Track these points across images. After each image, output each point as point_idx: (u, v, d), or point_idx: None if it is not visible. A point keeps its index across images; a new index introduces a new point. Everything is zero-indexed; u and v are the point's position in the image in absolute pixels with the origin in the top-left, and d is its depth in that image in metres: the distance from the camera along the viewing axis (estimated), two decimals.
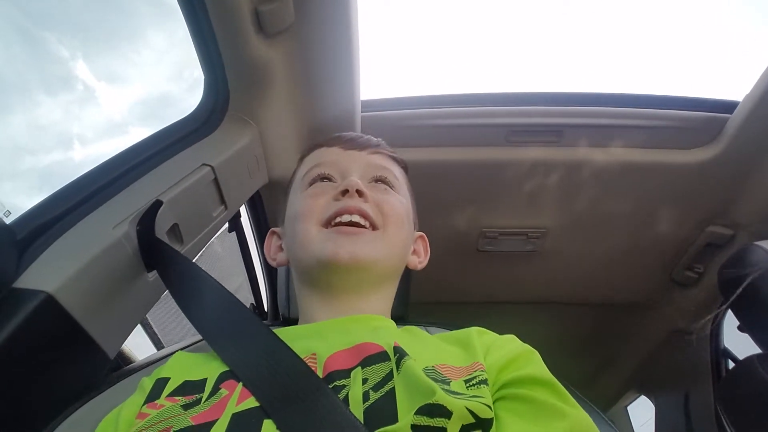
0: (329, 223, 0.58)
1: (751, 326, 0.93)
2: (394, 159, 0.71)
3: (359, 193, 0.59)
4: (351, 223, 0.57)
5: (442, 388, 0.39)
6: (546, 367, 0.47)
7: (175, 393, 0.45)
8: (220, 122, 0.85)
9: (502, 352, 0.48)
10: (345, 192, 0.59)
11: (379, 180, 0.65)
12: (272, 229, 0.72)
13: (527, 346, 0.51)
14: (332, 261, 0.55)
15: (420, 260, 0.69)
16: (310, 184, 0.65)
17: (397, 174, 0.69)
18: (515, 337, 0.53)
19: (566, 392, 0.44)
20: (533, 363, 0.48)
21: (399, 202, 0.64)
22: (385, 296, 0.63)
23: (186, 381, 0.47)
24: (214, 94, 0.84)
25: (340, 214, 0.57)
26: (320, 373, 0.45)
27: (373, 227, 0.58)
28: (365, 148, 0.68)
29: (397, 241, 0.62)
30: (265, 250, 0.71)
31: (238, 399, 0.42)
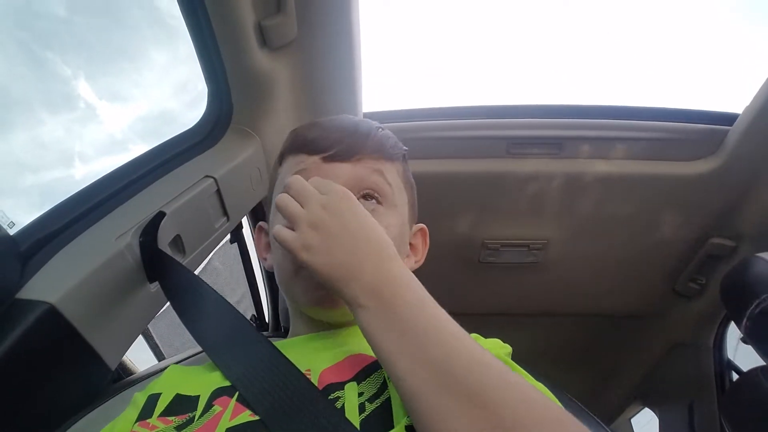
0: None
1: (755, 338, 0.93)
2: (385, 158, 0.60)
3: None
4: None
5: None
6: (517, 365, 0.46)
7: (167, 411, 0.45)
8: (223, 134, 0.86)
9: None
10: None
11: (367, 195, 0.57)
12: (260, 223, 0.67)
13: (498, 342, 0.51)
14: (314, 308, 0.55)
15: (417, 259, 0.65)
16: None
17: (389, 177, 0.59)
18: (499, 341, 0.53)
19: (530, 376, 0.44)
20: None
21: (387, 221, 0.57)
22: None
23: (178, 395, 0.46)
24: (217, 106, 0.85)
25: None
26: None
27: None
28: (349, 158, 0.57)
29: None
30: (255, 247, 0.68)
31: (232, 414, 0.42)
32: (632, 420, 1.87)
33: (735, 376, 1.37)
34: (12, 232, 0.55)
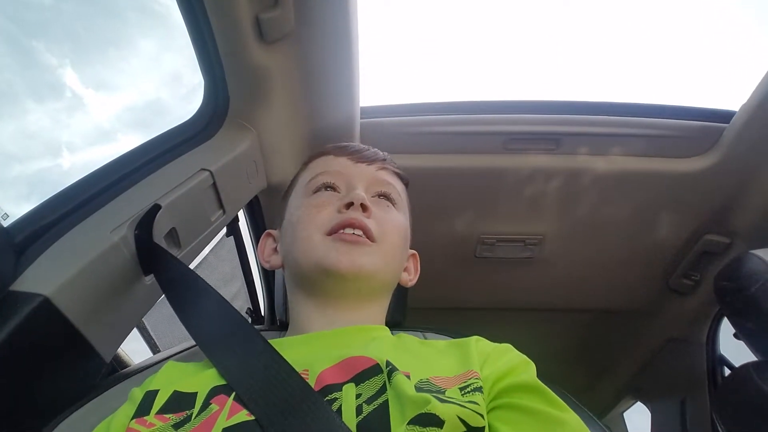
0: (332, 232, 0.58)
1: (747, 334, 0.94)
2: (398, 175, 0.71)
3: (363, 207, 0.60)
4: (353, 235, 0.58)
5: (436, 397, 0.39)
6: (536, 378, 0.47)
7: (164, 409, 0.44)
8: (219, 127, 0.85)
9: (498, 363, 0.48)
10: (350, 204, 0.60)
11: (383, 195, 0.66)
12: (268, 231, 0.72)
13: (524, 357, 0.51)
14: (333, 268, 0.56)
15: (410, 278, 0.71)
16: (315, 191, 0.65)
17: (399, 190, 0.69)
18: (511, 346, 0.53)
19: (557, 397, 0.44)
20: (527, 372, 0.48)
21: (399, 220, 0.66)
22: (378, 308, 0.64)
23: (176, 392, 0.46)
24: (213, 99, 0.84)
25: (343, 226, 0.58)
26: (312, 387, 0.44)
27: (372, 241, 0.59)
28: (373, 163, 0.68)
29: (394, 257, 0.63)
30: (258, 251, 0.71)
31: (229, 413, 0.42)
32: (625, 414, 1.88)
33: (727, 372, 1.38)
34: (6, 223, 0.55)
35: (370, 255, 0.58)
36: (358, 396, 0.43)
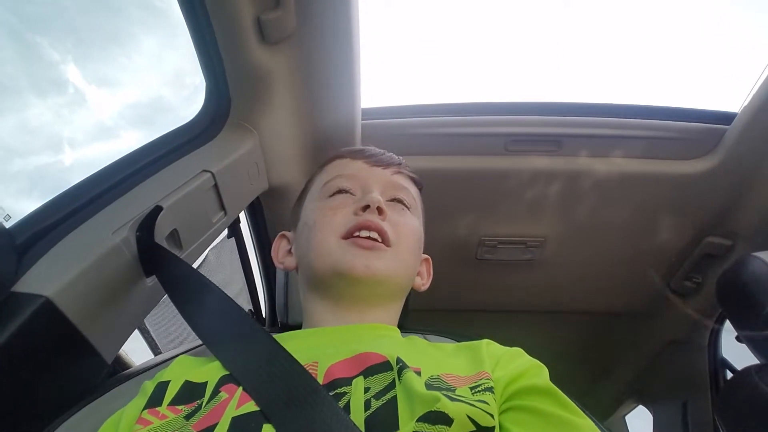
0: (347, 235, 0.58)
1: (749, 336, 0.93)
2: (413, 180, 0.72)
3: (379, 210, 0.60)
4: (368, 239, 0.58)
5: (446, 395, 0.40)
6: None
7: (176, 400, 0.45)
8: (220, 129, 0.85)
9: (510, 366, 0.48)
10: (365, 207, 0.60)
11: (398, 200, 0.66)
12: (282, 232, 0.72)
13: (536, 361, 0.51)
14: (348, 272, 0.56)
15: (423, 282, 0.70)
16: (330, 195, 0.65)
17: (414, 195, 0.70)
18: (522, 350, 0.53)
19: (570, 402, 0.44)
20: (539, 376, 0.48)
21: (414, 224, 0.66)
22: (391, 312, 0.64)
23: (187, 381, 0.47)
24: (215, 101, 0.84)
25: (359, 228, 0.58)
26: (321, 380, 0.45)
27: (388, 245, 0.59)
28: (388, 167, 0.69)
29: (408, 262, 0.63)
30: (272, 253, 0.71)
31: (238, 402, 0.42)
32: (627, 417, 1.88)
33: (729, 375, 1.38)
34: (8, 225, 0.55)
35: (385, 259, 0.58)
36: (366, 390, 0.43)
